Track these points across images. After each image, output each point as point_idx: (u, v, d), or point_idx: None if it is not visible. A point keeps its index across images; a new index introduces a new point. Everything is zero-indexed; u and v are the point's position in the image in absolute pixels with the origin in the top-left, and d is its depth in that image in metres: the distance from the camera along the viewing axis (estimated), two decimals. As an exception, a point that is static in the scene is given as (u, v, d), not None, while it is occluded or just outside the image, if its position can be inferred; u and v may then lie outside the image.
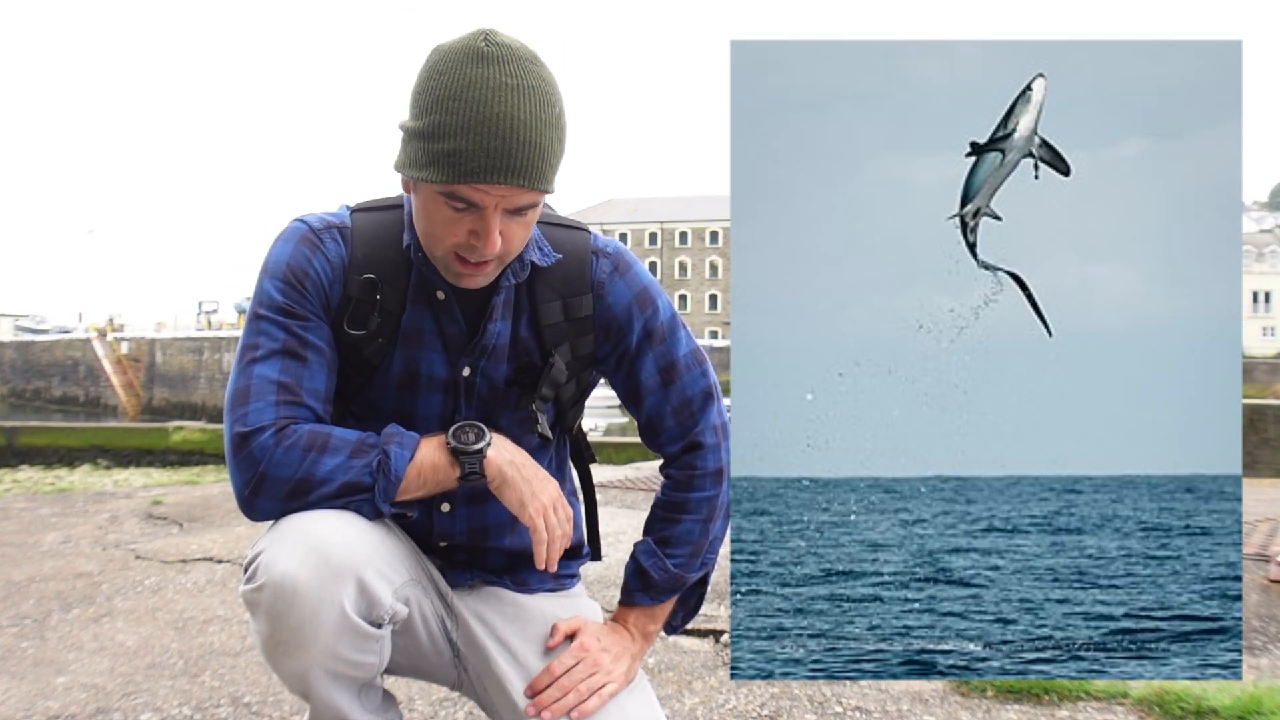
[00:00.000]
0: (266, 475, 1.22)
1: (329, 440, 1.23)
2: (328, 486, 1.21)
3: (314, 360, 1.29)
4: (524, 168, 1.17)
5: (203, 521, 5.07)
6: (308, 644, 1.17)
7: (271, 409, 1.24)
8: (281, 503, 1.23)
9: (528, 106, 1.16)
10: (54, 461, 13.42)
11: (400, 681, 2.36)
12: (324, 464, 1.22)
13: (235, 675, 2.56)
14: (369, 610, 1.20)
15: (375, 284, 1.32)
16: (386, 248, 1.34)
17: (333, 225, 1.35)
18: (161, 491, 6.50)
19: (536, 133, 1.17)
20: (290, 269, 1.31)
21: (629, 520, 4.23)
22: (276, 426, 1.23)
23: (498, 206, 1.19)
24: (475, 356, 1.36)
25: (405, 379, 1.36)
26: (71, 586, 3.55)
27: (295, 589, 1.16)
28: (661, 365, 1.45)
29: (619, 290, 1.42)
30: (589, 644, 1.41)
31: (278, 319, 1.29)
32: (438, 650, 1.40)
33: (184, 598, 3.38)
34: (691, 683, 2.51)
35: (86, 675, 2.56)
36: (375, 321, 1.33)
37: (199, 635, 2.93)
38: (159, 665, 2.65)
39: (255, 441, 1.22)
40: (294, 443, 1.22)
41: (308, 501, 1.22)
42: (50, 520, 5.12)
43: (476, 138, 1.15)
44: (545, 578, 1.51)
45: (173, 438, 13.95)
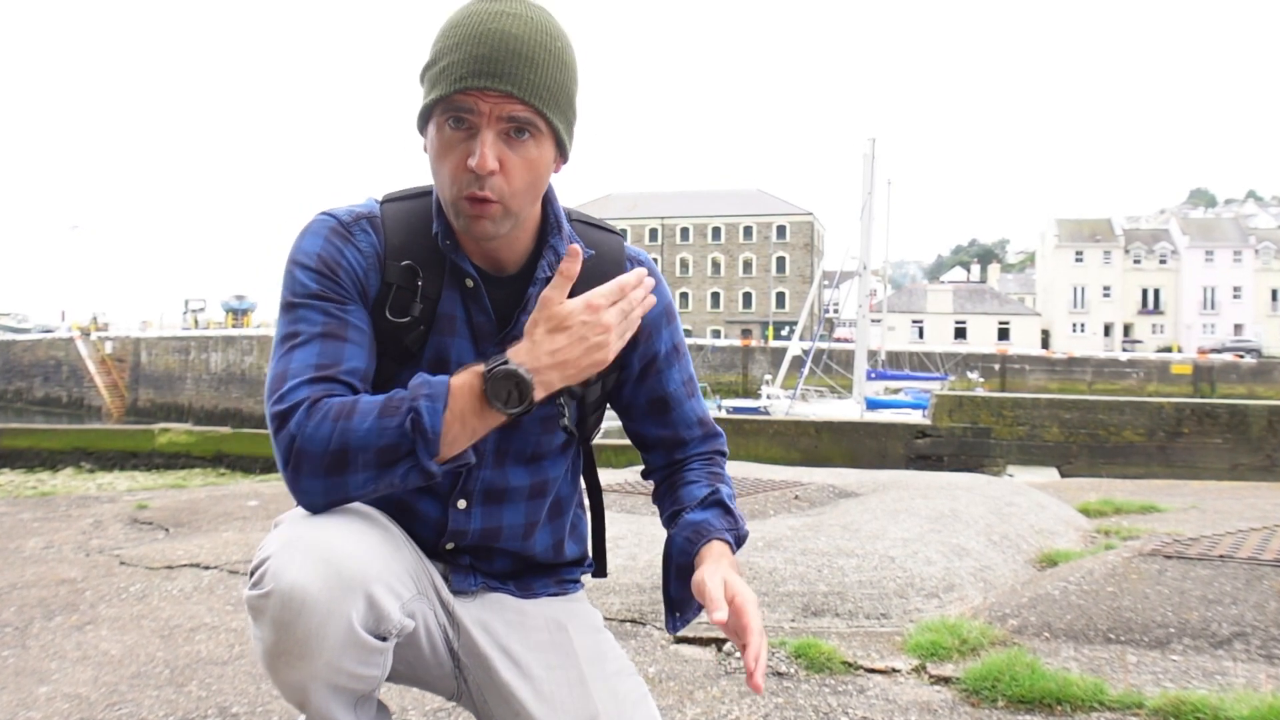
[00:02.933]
0: (303, 451, 1.20)
1: (356, 405, 1.22)
2: (366, 454, 1.20)
3: (354, 340, 1.30)
4: (512, 74, 1.23)
5: (189, 526, 5.06)
6: (312, 656, 1.17)
7: (306, 386, 1.24)
8: (324, 479, 1.21)
9: (523, 28, 1.25)
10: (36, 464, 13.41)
11: (394, 691, 2.36)
12: (355, 430, 1.19)
13: (223, 685, 2.56)
14: (376, 624, 1.20)
15: (415, 270, 1.35)
16: (419, 235, 1.37)
17: (361, 216, 1.37)
18: (147, 495, 6.50)
19: (529, 47, 1.25)
20: (321, 258, 1.32)
21: (629, 525, 4.23)
22: (310, 401, 1.22)
23: (492, 116, 1.24)
24: (504, 347, 1.37)
25: (435, 366, 1.37)
26: (54, 593, 3.55)
27: (304, 599, 1.15)
28: (685, 378, 1.53)
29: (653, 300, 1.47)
30: (734, 578, 1.35)
31: (314, 304, 1.30)
32: (439, 661, 1.40)
33: (170, 605, 3.38)
34: (693, 692, 2.51)
35: (69, 685, 2.56)
36: (418, 308, 1.35)
37: (185, 644, 2.92)
38: (144, 675, 2.65)
39: (290, 419, 1.22)
40: (325, 414, 1.21)
41: (348, 476, 1.20)
42: (32, 525, 5.12)
43: (469, 49, 1.24)
44: (549, 583, 1.52)
45: (158, 440, 13.94)
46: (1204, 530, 4.29)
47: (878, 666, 2.67)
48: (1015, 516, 4.59)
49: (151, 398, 46.86)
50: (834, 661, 2.67)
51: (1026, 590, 3.35)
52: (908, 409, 27.16)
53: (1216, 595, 3.04)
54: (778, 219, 77.17)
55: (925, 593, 3.29)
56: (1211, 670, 2.60)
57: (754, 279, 77.07)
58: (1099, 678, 2.49)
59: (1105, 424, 16.99)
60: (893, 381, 33.84)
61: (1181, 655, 2.72)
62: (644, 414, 1.52)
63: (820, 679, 2.60)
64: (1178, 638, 2.81)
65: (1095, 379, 45.84)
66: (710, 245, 78.41)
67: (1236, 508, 5.77)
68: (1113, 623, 2.93)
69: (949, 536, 3.94)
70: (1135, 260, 72.97)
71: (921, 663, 2.68)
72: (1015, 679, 2.44)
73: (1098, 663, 2.68)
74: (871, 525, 4.14)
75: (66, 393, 48.40)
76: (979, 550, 3.83)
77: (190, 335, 48.24)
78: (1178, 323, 71.14)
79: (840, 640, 2.87)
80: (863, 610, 3.14)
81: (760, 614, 1.30)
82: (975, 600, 3.32)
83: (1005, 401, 18.01)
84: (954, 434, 16.89)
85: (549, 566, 1.53)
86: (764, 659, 1.25)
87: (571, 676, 1.42)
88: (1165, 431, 16.69)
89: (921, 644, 2.75)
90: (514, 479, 1.43)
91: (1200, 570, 3.25)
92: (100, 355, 48.49)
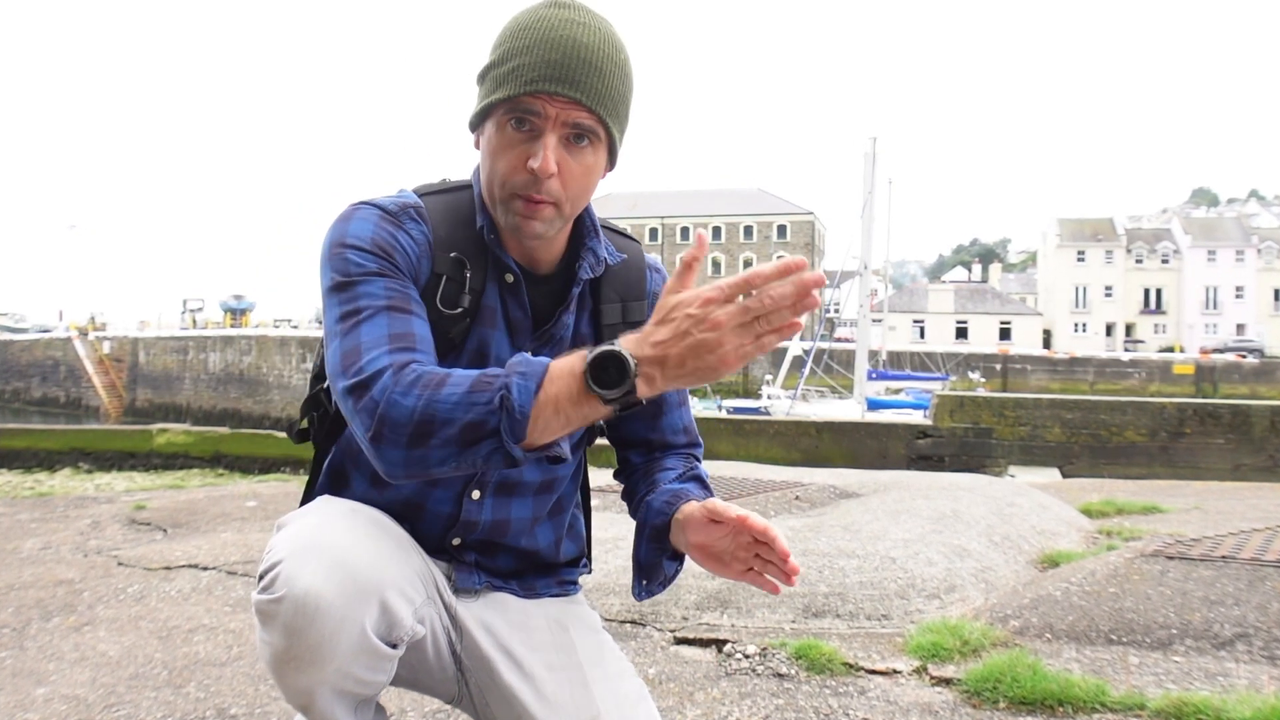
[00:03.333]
0: (387, 417, 1.15)
1: (448, 377, 1.17)
2: (450, 429, 1.14)
3: (418, 314, 1.28)
4: (582, 82, 1.26)
5: (187, 527, 5.06)
6: (323, 662, 1.16)
7: (386, 355, 1.20)
8: (405, 449, 1.15)
9: (592, 39, 1.27)
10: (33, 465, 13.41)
11: (393, 694, 2.36)
12: (444, 399, 1.14)
13: (221, 686, 2.56)
14: (389, 631, 1.20)
15: (464, 262, 1.36)
16: (462, 228, 1.38)
17: (407, 206, 1.36)
18: (145, 496, 6.50)
19: (598, 57, 1.27)
20: (375, 242, 1.29)
21: (627, 527, 4.22)
22: (395, 366, 1.19)
23: (557, 120, 1.26)
24: (540, 343, 1.40)
25: (477, 358, 1.38)
26: (52, 594, 3.55)
27: (319, 606, 1.14)
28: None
29: None
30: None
31: (376, 279, 1.27)
32: (442, 665, 1.40)
33: (168, 606, 3.38)
34: (693, 694, 2.51)
35: (67, 686, 2.56)
36: (466, 299, 1.35)
37: (184, 645, 2.92)
38: (142, 676, 2.65)
39: (375, 385, 1.17)
40: (413, 380, 1.16)
41: (430, 449, 1.15)
42: (29, 526, 5.12)
43: (540, 53, 1.26)
44: (551, 583, 1.53)
45: (156, 440, 13.93)
46: (1206, 531, 4.29)
47: (879, 668, 2.67)
48: (1017, 517, 4.58)
49: (149, 398, 46.85)
50: (835, 663, 2.67)
51: (1028, 591, 3.35)
52: (909, 409, 27.17)
53: (1219, 596, 3.04)
54: (778, 218, 77.18)
55: (926, 594, 3.29)
56: (1214, 671, 2.60)
57: (754, 279, 76.97)
58: (1101, 679, 2.49)
59: (1107, 424, 17.00)
60: (894, 382, 33.84)
61: (1184, 656, 2.72)
62: (633, 414, 1.50)
63: (821, 680, 2.60)
64: (1180, 639, 2.81)
65: (1097, 379, 45.83)
66: (711, 245, 78.39)
67: (1239, 508, 5.77)
68: (1115, 624, 2.93)
69: (950, 537, 3.94)
70: (1137, 260, 72.96)
71: (923, 664, 2.68)
72: (1017, 680, 2.44)
73: (1100, 664, 2.68)
74: (872, 526, 4.14)
75: (64, 393, 48.39)
76: (980, 551, 3.83)
77: (188, 335, 48.23)
78: (1180, 323, 71.13)
79: (841, 641, 2.87)
80: (864, 611, 3.14)
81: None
82: (977, 601, 3.32)
83: (1007, 402, 18.02)
84: (955, 434, 16.89)
85: (550, 566, 1.54)
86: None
87: (573, 678, 1.42)
88: (1167, 432, 16.69)
89: (923, 645, 2.75)
90: (527, 473, 1.44)
91: (1203, 571, 3.25)
92: (98, 355, 48.49)
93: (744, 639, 2.88)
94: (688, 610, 3.16)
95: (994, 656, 2.62)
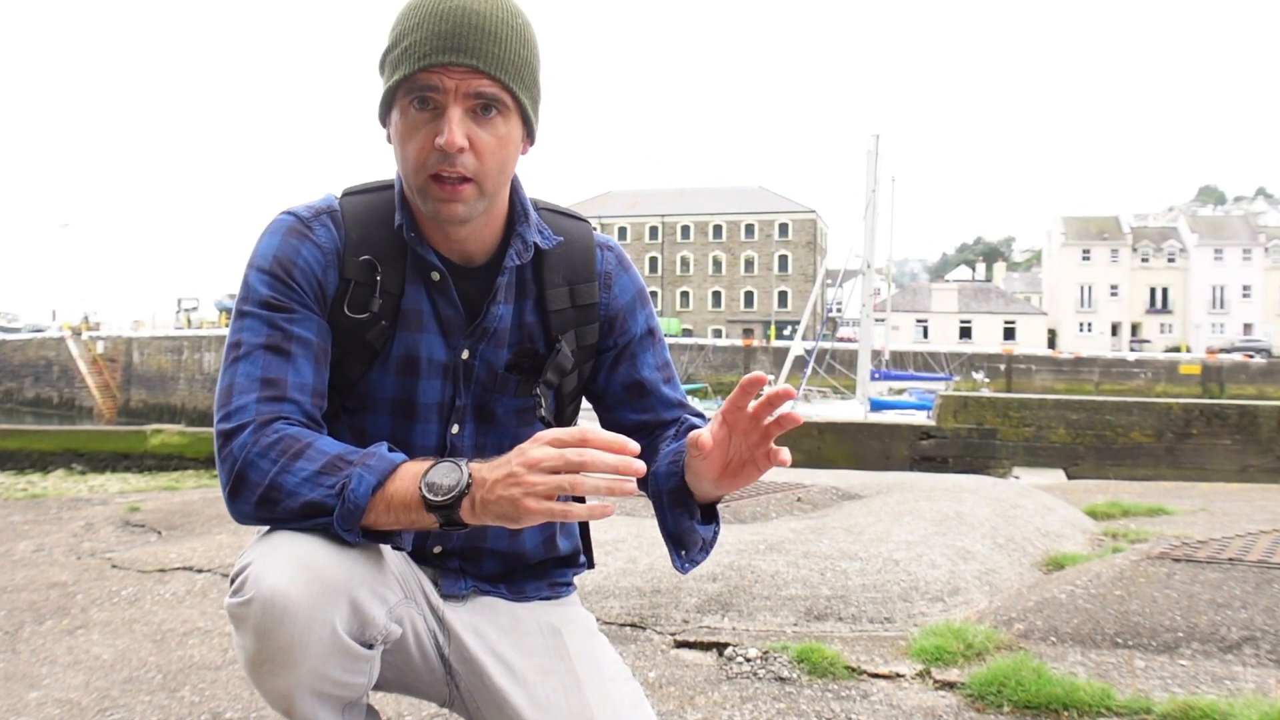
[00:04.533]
0: (243, 476, 1.21)
1: (306, 449, 1.21)
2: (293, 501, 1.20)
3: (300, 354, 1.29)
4: (476, 48, 1.23)
5: (182, 529, 5.06)
6: (295, 664, 1.16)
7: (254, 406, 1.24)
8: (255, 508, 1.22)
9: (483, 5, 1.25)
10: (26, 466, 13.41)
11: (388, 697, 2.36)
12: (294, 474, 1.20)
13: (216, 690, 2.56)
14: (361, 631, 1.20)
15: (374, 265, 1.35)
16: (380, 228, 1.36)
17: (321, 212, 1.37)
18: (139, 497, 6.50)
19: (490, 22, 1.25)
20: (277, 260, 1.31)
21: (628, 528, 4.23)
22: (258, 422, 1.23)
23: (458, 92, 1.24)
24: (475, 339, 1.38)
25: (405, 364, 1.37)
26: (45, 597, 3.55)
27: (285, 606, 1.14)
28: (660, 362, 1.52)
29: (624, 284, 1.49)
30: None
31: (262, 314, 1.30)
32: (430, 667, 1.40)
33: (162, 609, 3.38)
34: (694, 698, 2.51)
35: (60, 690, 2.56)
36: (377, 303, 1.34)
37: (178, 648, 2.92)
38: (136, 679, 2.65)
39: (235, 440, 1.22)
40: (271, 443, 1.21)
41: (277, 513, 1.21)
42: (22, 528, 5.12)
43: (430, 26, 1.24)
44: (541, 586, 1.52)
45: (151, 441, 13.94)
46: (1213, 533, 4.29)
47: (881, 671, 2.67)
48: (1021, 519, 4.59)
49: (144, 398, 46.84)
50: (837, 666, 2.67)
51: (1032, 594, 3.35)
52: (912, 410, 27.16)
53: (1226, 599, 3.04)
54: (780, 217, 77.16)
55: (930, 596, 3.29)
56: (1221, 675, 2.60)
57: (756, 278, 77.06)
58: (1106, 683, 2.49)
59: (1112, 425, 16.99)
60: (897, 382, 33.84)
61: (1190, 660, 2.72)
62: (620, 400, 1.50)
63: (823, 684, 2.60)
64: (1186, 642, 2.81)
65: (1102, 379, 45.83)
66: (711, 243, 78.38)
67: (1246, 510, 5.77)
68: (1120, 627, 2.93)
69: (954, 539, 3.94)
70: (1143, 259, 72.95)
71: (926, 667, 2.68)
72: (1021, 684, 2.44)
73: (1105, 667, 2.68)
74: (875, 528, 4.14)
75: (57, 393, 48.39)
76: (984, 553, 3.83)
77: (183, 335, 48.18)
78: (1186, 322, 71.12)
79: (843, 644, 2.87)
80: (866, 614, 3.14)
81: None
82: (980, 604, 3.32)
83: (1011, 402, 18.01)
84: (959, 435, 16.87)
85: (539, 567, 1.53)
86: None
87: (566, 682, 1.41)
88: (1173, 433, 16.69)
89: (926, 648, 2.75)
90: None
91: (1209, 574, 3.25)
92: (92, 355, 48.47)
93: (745, 642, 2.88)
94: (688, 613, 3.16)
95: (998, 660, 2.62)
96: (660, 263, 78.00)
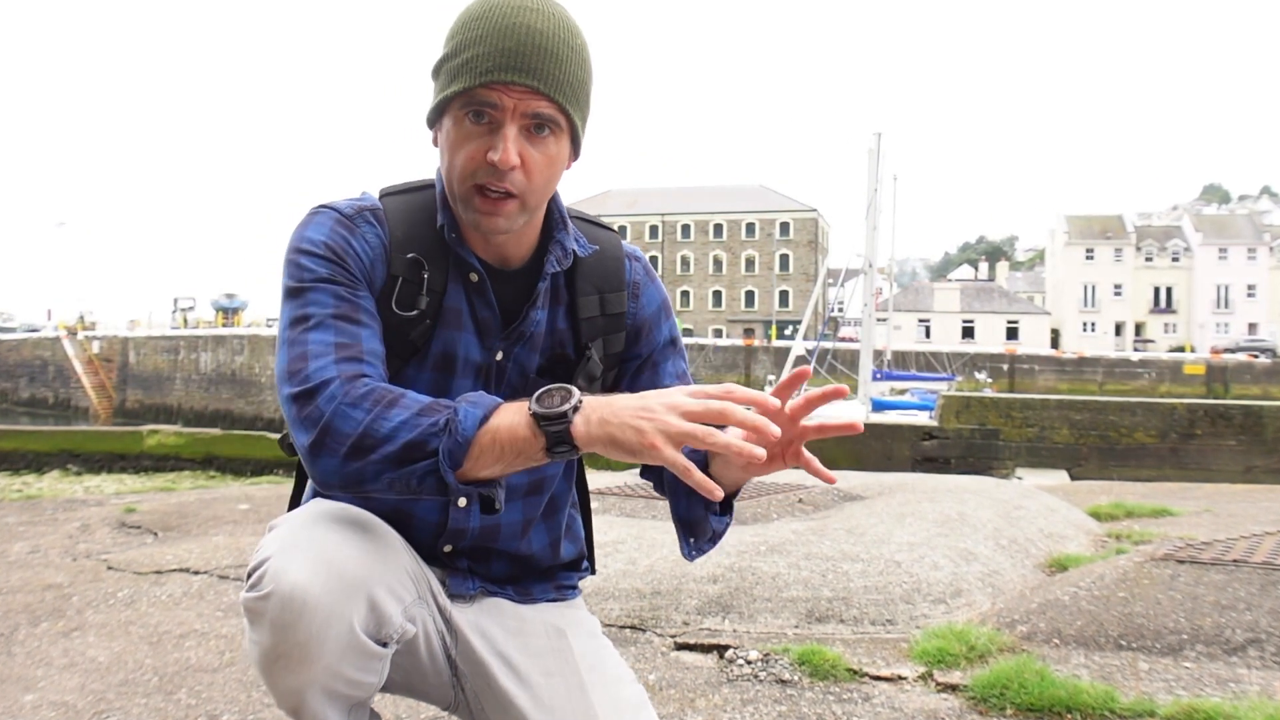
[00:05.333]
0: (330, 427, 1.18)
1: (400, 398, 1.20)
2: (390, 445, 1.17)
3: (370, 324, 1.30)
4: (538, 69, 1.24)
5: (178, 530, 5.07)
6: (311, 660, 1.17)
7: (334, 365, 1.23)
8: (341, 461, 1.18)
9: (547, 23, 1.26)
10: (21, 467, 13.42)
11: (387, 700, 2.36)
12: (390, 418, 1.18)
13: (213, 692, 2.56)
14: (378, 629, 1.20)
15: (421, 263, 1.36)
16: (423, 227, 1.38)
17: (364, 209, 1.37)
18: (135, 499, 6.50)
19: (553, 42, 1.26)
20: (329, 246, 1.31)
21: (628, 529, 4.23)
22: (343, 377, 1.22)
23: (515, 111, 1.25)
24: (511, 341, 1.39)
25: (442, 361, 1.38)
26: (40, 599, 3.55)
27: (305, 601, 1.14)
28: (678, 371, 1.53)
29: (650, 294, 1.51)
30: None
31: (327, 287, 1.29)
32: (437, 669, 1.40)
33: (159, 611, 3.38)
34: (694, 700, 2.51)
35: (56, 693, 2.56)
36: (424, 301, 1.35)
37: (174, 650, 2.93)
38: (132, 682, 2.65)
39: (322, 394, 1.20)
40: (364, 393, 1.20)
41: (369, 461, 1.17)
42: (17, 529, 5.12)
43: (494, 42, 1.24)
44: (548, 588, 1.53)
45: (147, 442, 13.95)
46: (1217, 534, 4.29)
47: (883, 674, 2.67)
48: (1024, 520, 4.59)
49: (140, 398, 46.86)
50: (839, 669, 2.68)
51: (1036, 596, 3.35)
52: (914, 410, 27.14)
53: (1230, 601, 3.04)
54: (781, 215, 77.20)
55: (932, 598, 3.29)
56: (1225, 678, 2.60)
57: (757, 277, 77.10)
58: (1110, 685, 2.49)
59: (1116, 425, 17.01)
60: (899, 382, 33.83)
61: (1194, 662, 2.72)
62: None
63: (824, 687, 2.60)
64: (1190, 644, 2.82)
65: (1106, 379, 45.84)
66: (712, 242, 78.42)
67: (1251, 511, 5.77)
68: (1124, 629, 2.93)
69: (956, 541, 3.95)
70: (1147, 258, 72.98)
71: (928, 670, 2.68)
72: (1024, 687, 2.44)
73: (1109, 670, 2.68)
74: (877, 529, 4.14)
75: (53, 393, 48.40)
76: (987, 555, 3.83)
77: (179, 335, 48.23)
78: (1190, 322, 71.15)
79: (845, 647, 2.87)
80: (868, 616, 3.15)
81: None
82: (983, 606, 3.32)
83: (1014, 402, 18.03)
84: (961, 436, 16.88)
85: (546, 570, 1.53)
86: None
87: (571, 684, 1.42)
88: (1178, 433, 16.70)
89: (928, 651, 2.75)
90: (513, 476, 1.41)
91: (1214, 575, 3.25)
92: (87, 355, 48.49)
93: (746, 644, 2.89)
94: (688, 615, 3.17)
95: (1001, 662, 2.63)
96: (660, 262, 77.98)
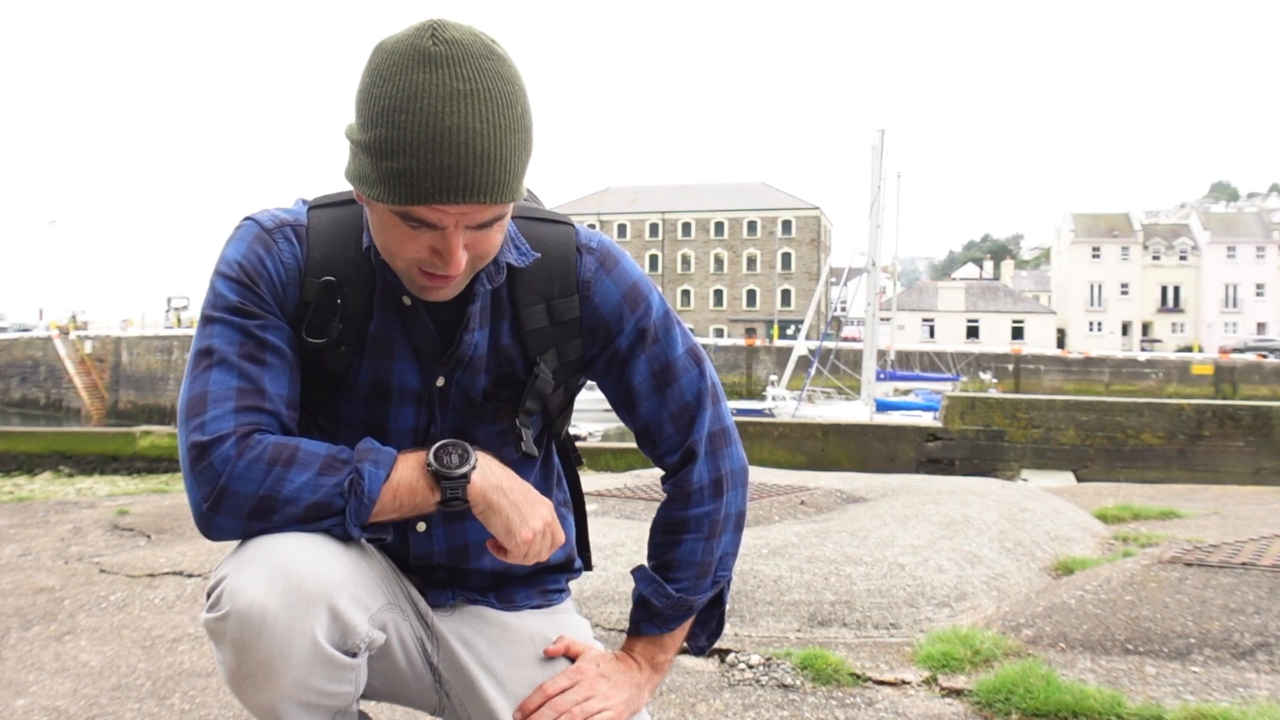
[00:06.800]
0: (228, 490, 1.19)
1: (296, 453, 1.20)
2: (293, 507, 1.18)
3: (275, 363, 1.27)
4: (484, 184, 1.12)
5: (172, 533, 5.06)
6: (278, 677, 1.15)
7: (231, 416, 1.21)
8: (243, 521, 1.20)
9: (483, 113, 1.10)
10: (12, 468, 13.41)
11: (382, 706, 2.36)
12: (290, 481, 1.19)
13: (206, 697, 2.56)
14: (343, 639, 1.19)
15: (335, 287, 1.29)
16: (347, 248, 1.31)
17: (286, 224, 1.32)
18: (128, 501, 6.50)
19: (495, 143, 1.11)
20: (242, 268, 1.28)
21: (628, 531, 4.23)
22: (238, 434, 1.20)
23: (459, 224, 1.16)
24: (450, 368, 1.34)
25: (374, 391, 1.34)
26: (31, 603, 3.55)
27: (263, 618, 1.13)
28: (655, 368, 1.41)
29: (607, 288, 1.39)
30: (586, 668, 1.41)
31: (233, 320, 1.26)
32: (418, 675, 1.39)
33: (152, 614, 3.38)
34: (695, 705, 2.51)
35: (47, 698, 2.56)
36: (337, 329, 1.30)
37: (168, 655, 2.92)
38: (125, 687, 2.65)
39: (216, 452, 1.19)
40: (258, 455, 1.19)
41: (272, 523, 1.19)
42: (8, 531, 5.12)
43: (428, 154, 1.09)
44: (532, 594, 1.51)
45: (140, 443, 13.94)
46: (1226, 537, 4.29)
47: (887, 678, 2.67)
48: (1030, 523, 4.59)
49: (133, 399, 46.85)
50: (841, 673, 2.67)
51: (1041, 599, 3.35)
52: (918, 411, 27.19)
53: (1239, 604, 3.04)
54: (783, 214, 77.17)
55: (936, 602, 3.29)
56: (1233, 682, 2.60)
57: (758, 276, 77.07)
58: (1117, 690, 2.49)
59: (1123, 426, 16.99)
60: (902, 382, 33.86)
61: (1202, 666, 2.72)
62: (620, 406, 1.46)
63: (827, 691, 2.60)
64: (1198, 648, 2.81)
65: (1113, 380, 45.85)
66: (713, 241, 78.38)
67: (1259, 513, 5.76)
68: (1131, 633, 2.93)
69: (961, 543, 3.94)
70: (1154, 256, 72.98)
71: (932, 674, 2.68)
72: (1030, 691, 2.44)
73: (1115, 674, 2.68)
74: (880, 532, 4.14)
75: (44, 394, 48.38)
76: (992, 558, 3.83)
77: (173, 334, 48.23)
78: (1198, 321, 71.13)
79: (848, 651, 2.87)
80: (871, 620, 3.14)
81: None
82: (988, 609, 3.32)
83: (1019, 403, 18.01)
84: (966, 437, 16.86)
85: (530, 575, 1.51)
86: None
87: None
88: (1185, 434, 16.68)
89: (932, 655, 2.75)
90: None
91: (1222, 578, 3.25)
92: (79, 355, 48.47)
93: (747, 648, 2.88)
94: (689, 619, 3.16)
95: (1006, 666, 2.62)
96: (661, 260, 77.99)
